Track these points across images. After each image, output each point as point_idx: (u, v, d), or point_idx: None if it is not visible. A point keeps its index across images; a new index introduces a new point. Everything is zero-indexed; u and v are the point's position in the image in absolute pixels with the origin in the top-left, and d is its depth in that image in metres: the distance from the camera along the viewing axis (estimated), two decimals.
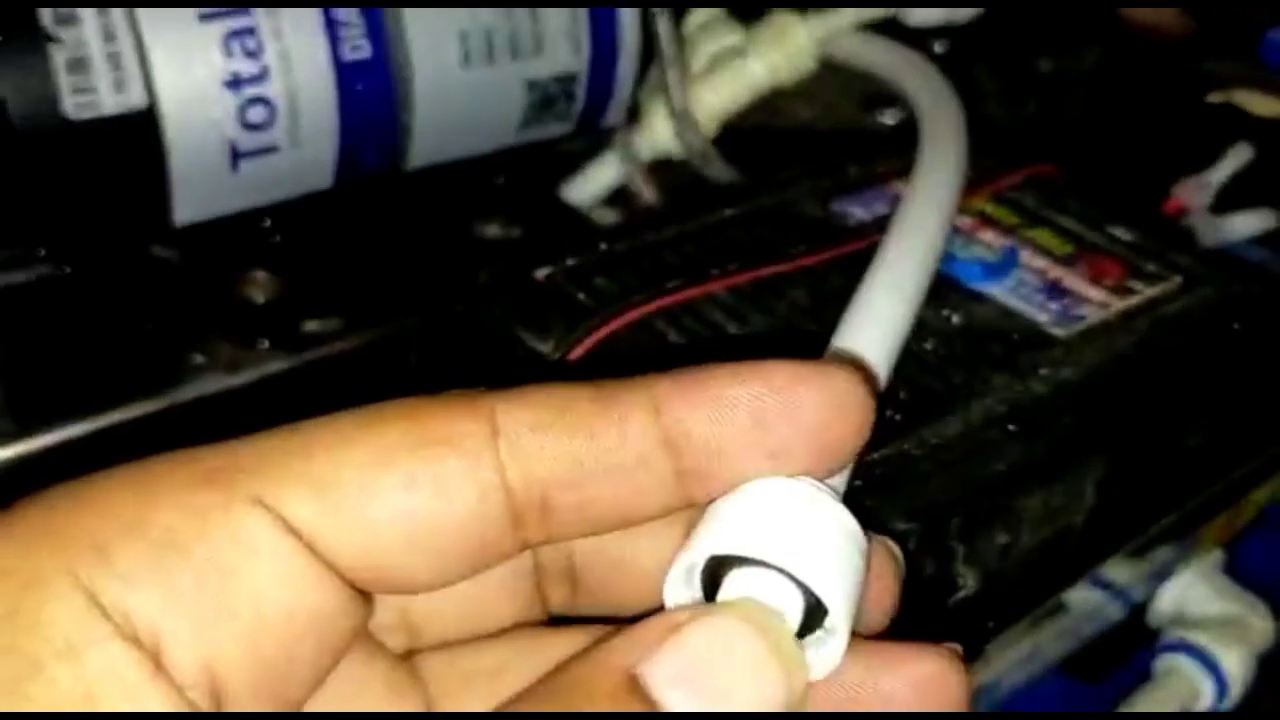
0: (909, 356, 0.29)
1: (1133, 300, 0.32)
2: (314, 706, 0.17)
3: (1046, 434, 0.28)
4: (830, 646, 0.17)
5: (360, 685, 0.18)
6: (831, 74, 0.55)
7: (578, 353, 0.29)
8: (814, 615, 0.17)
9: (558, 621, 0.20)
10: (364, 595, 0.17)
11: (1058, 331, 0.31)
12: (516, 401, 0.17)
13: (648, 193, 0.47)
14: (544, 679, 0.16)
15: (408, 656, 0.20)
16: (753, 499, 0.18)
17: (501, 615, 0.20)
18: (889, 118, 0.56)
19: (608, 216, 0.48)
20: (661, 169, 0.48)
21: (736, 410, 0.18)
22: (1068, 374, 0.29)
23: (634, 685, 0.16)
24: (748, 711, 0.16)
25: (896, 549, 0.20)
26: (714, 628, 0.16)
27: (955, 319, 0.31)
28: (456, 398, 0.17)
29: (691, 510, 0.18)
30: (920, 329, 0.31)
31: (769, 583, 0.17)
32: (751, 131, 0.52)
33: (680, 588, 0.18)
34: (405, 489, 0.17)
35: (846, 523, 0.18)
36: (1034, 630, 0.37)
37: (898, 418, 0.28)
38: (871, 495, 0.25)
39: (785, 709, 0.16)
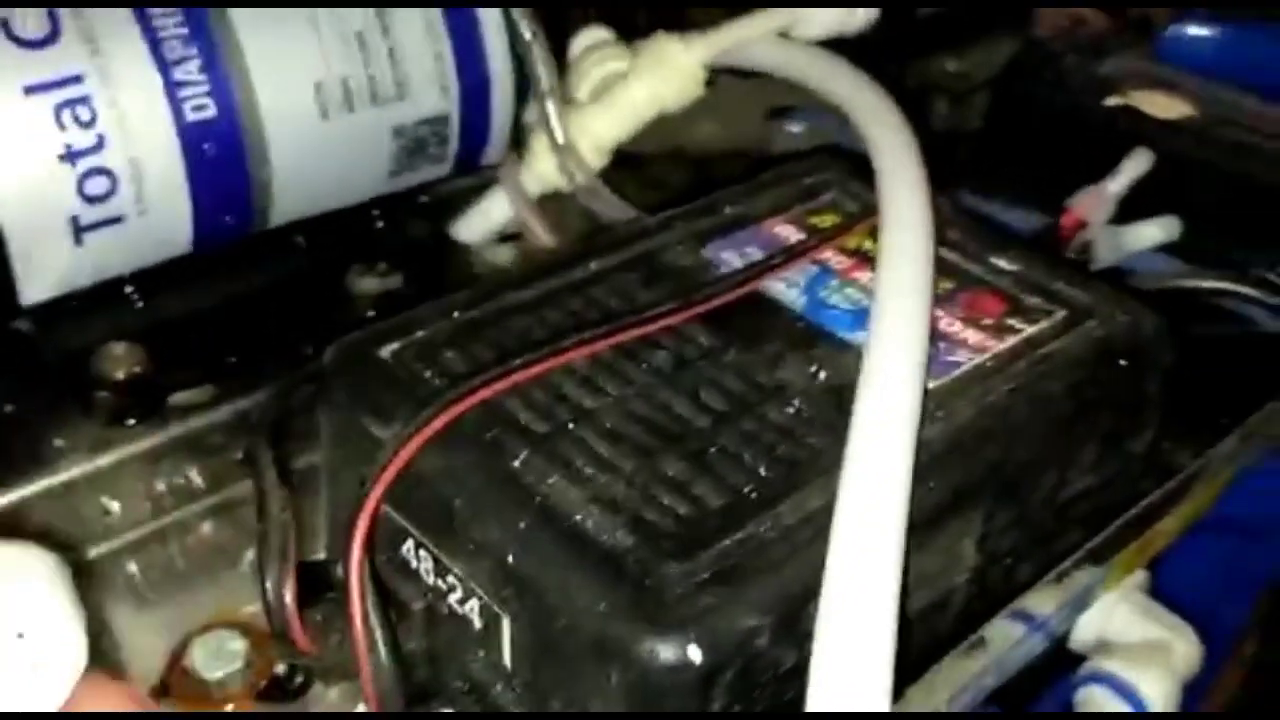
0: (768, 426, 0.28)
1: (1011, 341, 0.31)
2: None
3: (914, 497, 0.27)
4: None
5: None
6: (735, 85, 0.54)
7: (418, 441, 0.27)
8: None
9: None
10: None
11: (928, 384, 0.29)
12: None
13: (540, 230, 0.45)
14: None
15: None
16: None
17: None
18: (794, 126, 0.55)
19: (502, 254, 0.47)
20: (554, 201, 0.47)
21: None
22: (936, 430, 0.28)
23: None
24: None
25: None
26: None
27: (822, 375, 0.29)
28: None
29: None
30: (783, 390, 0.29)
31: None
32: (651, 153, 0.51)
33: None
34: None
35: None
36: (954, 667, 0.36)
37: (754, 495, 0.26)
38: (719, 588, 0.24)
39: None
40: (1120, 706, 0.38)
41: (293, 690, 0.31)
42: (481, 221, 0.46)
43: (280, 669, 0.32)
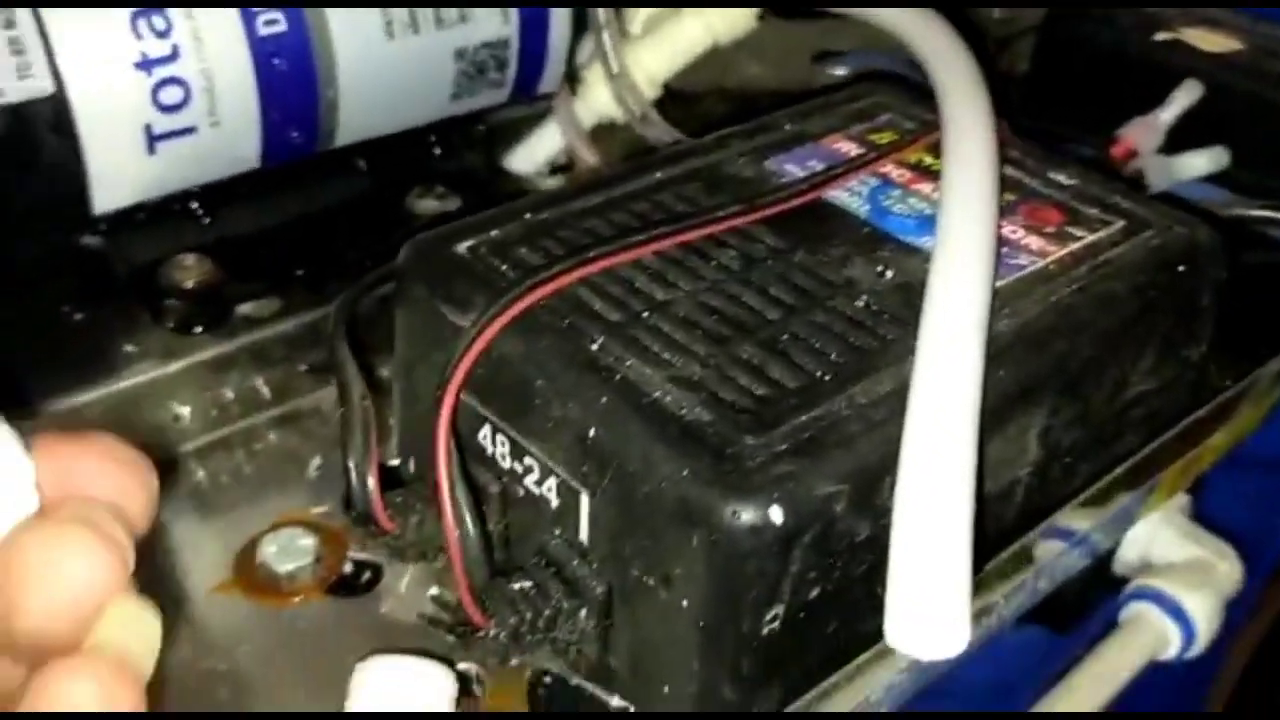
0: (838, 317, 0.29)
1: (1072, 247, 0.31)
2: None
3: (984, 387, 0.27)
4: None
5: None
6: (781, 28, 0.54)
7: (499, 325, 0.28)
8: None
9: None
10: None
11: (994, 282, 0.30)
12: None
13: (591, 159, 0.46)
14: None
15: None
16: None
17: None
18: (839, 70, 0.55)
19: (553, 185, 0.47)
20: (606, 134, 0.47)
21: None
22: (1003, 325, 0.28)
23: None
24: None
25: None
26: None
27: (889, 274, 0.30)
28: None
29: None
30: (852, 286, 0.30)
31: None
32: (700, 91, 0.51)
33: None
34: None
35: None
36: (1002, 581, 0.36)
37: (827, 378, 0.27)
38: (797, 458, 0.25)
39: None
40: (1166, 622, 0.39)
41: (361, 586, 0.32)
42: (533, 152, 0.46)
43: (348, 567, 0.33)
